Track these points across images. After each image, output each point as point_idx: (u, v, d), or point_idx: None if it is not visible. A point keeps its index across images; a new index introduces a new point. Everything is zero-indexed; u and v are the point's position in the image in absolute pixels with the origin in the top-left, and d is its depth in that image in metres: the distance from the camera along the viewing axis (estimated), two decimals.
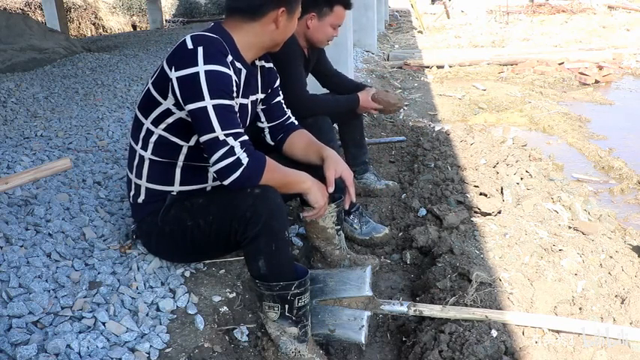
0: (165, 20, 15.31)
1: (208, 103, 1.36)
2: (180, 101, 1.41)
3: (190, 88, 1.37)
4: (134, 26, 16.43)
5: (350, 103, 2.47)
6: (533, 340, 1.52)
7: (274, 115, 1.79)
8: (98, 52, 7.09)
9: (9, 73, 5.38)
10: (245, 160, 1.40)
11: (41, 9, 12.33)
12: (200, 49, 1.38)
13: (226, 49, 1.45)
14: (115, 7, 16.33)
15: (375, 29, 7.81)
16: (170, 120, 1.50)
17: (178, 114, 1.48)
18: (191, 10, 17.72)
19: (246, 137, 1.43)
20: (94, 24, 15.44)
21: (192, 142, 1.55)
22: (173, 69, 1.40)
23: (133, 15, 16.64)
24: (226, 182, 1.41)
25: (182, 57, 1.40)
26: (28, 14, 12.78)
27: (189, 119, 1.43)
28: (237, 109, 1.48)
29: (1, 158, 2.51)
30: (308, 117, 2.11)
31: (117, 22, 16.08)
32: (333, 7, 2.21)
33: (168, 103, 1.47)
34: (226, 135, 1.38)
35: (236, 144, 1.39)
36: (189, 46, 1.40)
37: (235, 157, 1.38)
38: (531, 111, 4.70)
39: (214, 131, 1.37)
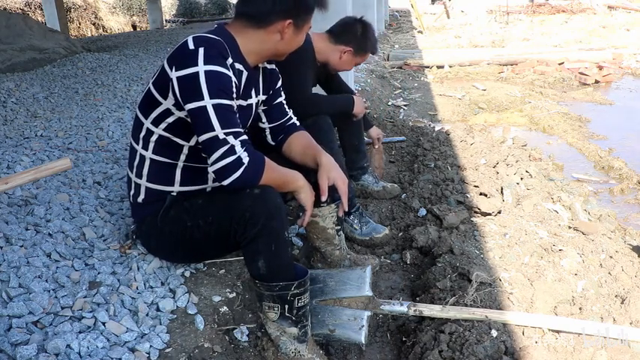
0: (166, 20, 15.30)
1: (208, 102, 1.36)
2: (180, 101, 1.41)
3: (190, 87, 1.37)
4: (134, 26, 16.42)
5: (347, 102, 2.52)
6: (533, 340, 1.52)
7: (275, 116, 1.79)
8: (98, 52, 7.09)
9: (9, 73, 5.37)
10: (246, 159, 1.38)
11: (41, 9, 12.32)
12: (201, 50, 1.38)
13: (227, 51, 1.44)
14: (115, 7, 16.32)
15: (375, 29, 7.80)
16: (170, 120, 1.50)
17: (178, 114, 1.48)
18: (191, 10, 17.72)
19: (245, 137, 1.43)
20: (94, 24, 15.42)
21: (192, 142, 1.55)
22: (174, 69, 1.40)
23: (133, 15, 16.63)
24: (226, 182, 1.39)
25: (183, 57, 1.40)
26: (28, 14, 12.77)
27: (189, 119, 1.43)
28: (236, 110, 1.48)
29: (1, 158, 2.51)
30: (309, 117, 2.12)
31: (117, 22, 16.07)
32: (366, 53, 2.51)
33: (168, 103, 1.47)
34: (226, 134, 1.37)
35: (236, 143, 1.38)
36: (191, 46, 1.40)
37: (236, 155, 1.37)
38: (531, 111, 4.70)
39: (214, 130, 1.36)
